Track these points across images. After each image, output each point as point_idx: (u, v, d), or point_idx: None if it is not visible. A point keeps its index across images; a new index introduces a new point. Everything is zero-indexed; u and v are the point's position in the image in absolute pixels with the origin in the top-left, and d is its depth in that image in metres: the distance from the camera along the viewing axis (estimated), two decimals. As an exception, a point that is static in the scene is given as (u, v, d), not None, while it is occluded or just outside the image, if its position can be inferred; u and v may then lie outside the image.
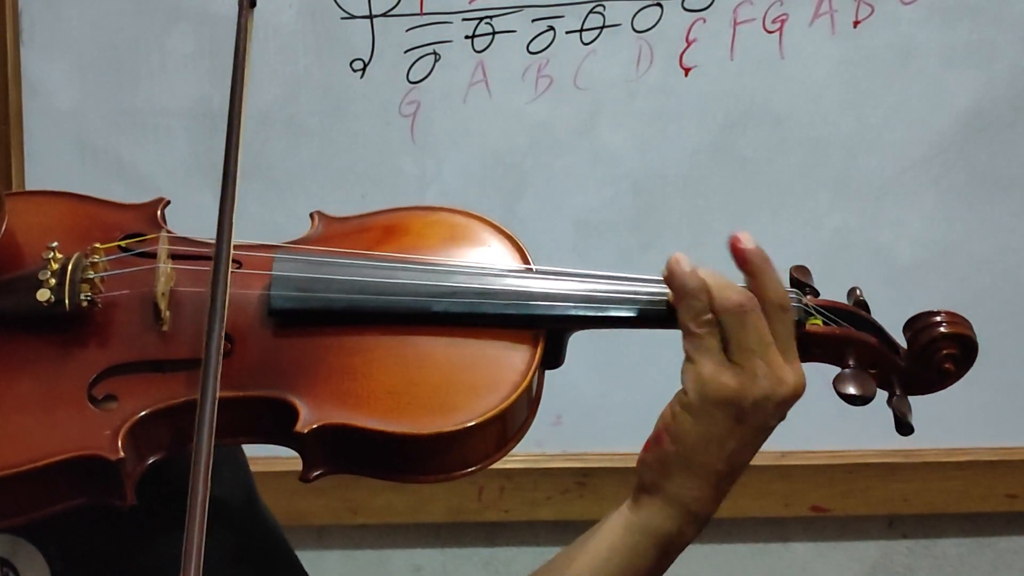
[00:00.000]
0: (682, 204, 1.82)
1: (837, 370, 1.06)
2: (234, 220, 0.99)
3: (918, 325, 1.07)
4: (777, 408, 1.01)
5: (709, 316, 0.99)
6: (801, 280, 1.10)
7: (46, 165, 1.75)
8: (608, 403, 1.86)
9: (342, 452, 1.00)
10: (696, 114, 1.78)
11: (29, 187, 1.75)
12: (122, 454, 0.95)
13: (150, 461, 0.99)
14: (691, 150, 1.80)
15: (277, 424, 1.00)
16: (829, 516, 1.98)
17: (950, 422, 1.86)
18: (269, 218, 1.77)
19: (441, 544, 2.02)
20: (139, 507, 0.97)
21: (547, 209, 1.81)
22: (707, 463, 1.01)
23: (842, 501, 1.95)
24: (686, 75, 1.76)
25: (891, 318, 2.00)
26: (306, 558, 1.16)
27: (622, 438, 1.82)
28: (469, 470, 1.02)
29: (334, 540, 1.96)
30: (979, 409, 1.88)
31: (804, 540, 2.05)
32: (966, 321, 1.07)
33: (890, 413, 1.07)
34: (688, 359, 1.00)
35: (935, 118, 1.79)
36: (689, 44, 1.75)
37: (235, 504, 1.15)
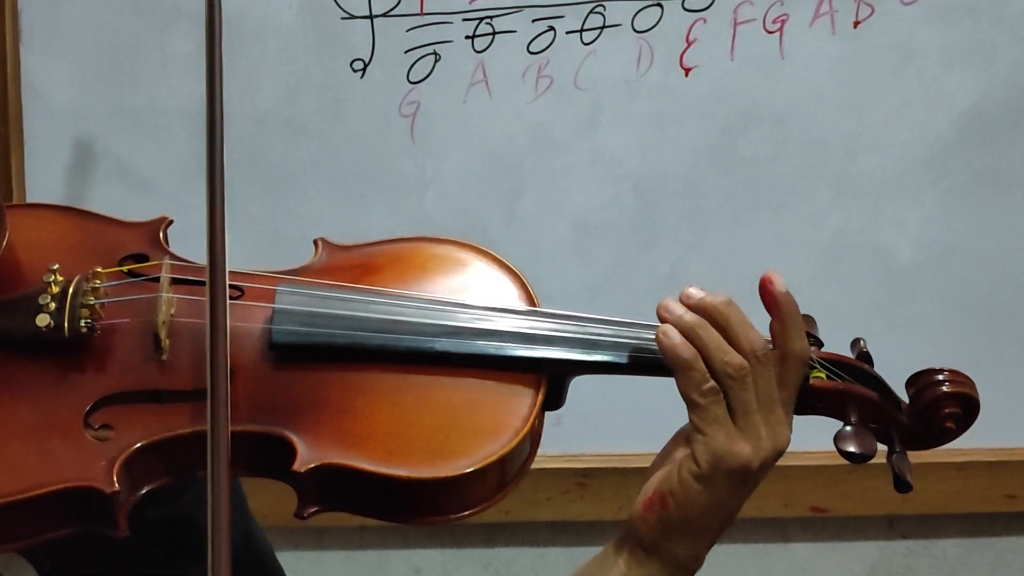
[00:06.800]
0: (682, 204, 1.82)
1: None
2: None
3: (921, 382, 1.06)
4: (774, 463, 1.02)
5: (711, 384, 0.98)
6: (807, 331, 1.07)
7: (46, 165, 1.75)
8: (608, 404, 1.85)
9: (338, 491, 0.99)
10: (696, 114, 1.78)
11: (29, 187, 1.75)
12: (116, 487, 0.94)
13: (144, 491, 0.98)
14: (691, 150, 1.79)
15: (274, 460, 0.99)
16: (829, 516, 1.98)
17: (950, 422, 1.86)
18: (269, 219, 1.76)
19: (441, 545, 2.02)
20: (134, 530, 0.96)
21: (547, 209, 1.81)
22: (709, 525, 1.01)
23: (842, 501, 1.95)
24: (686, 75, 1.76)
25: (891, 318, 1.99)
26: (306, 559, 1.16)
27: (622, 439, 1.82)
28: (466, 513, 1.01)
29: (334, 541, 1.96)
30: (979, 409, 1.88)
31: (804, 540, 2.05)
32: (969, 380, 1.07)
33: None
34: (698, 431, 0.99)
35: (935, 118, 1.79)
36: (689, 44, 1.74)
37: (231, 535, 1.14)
